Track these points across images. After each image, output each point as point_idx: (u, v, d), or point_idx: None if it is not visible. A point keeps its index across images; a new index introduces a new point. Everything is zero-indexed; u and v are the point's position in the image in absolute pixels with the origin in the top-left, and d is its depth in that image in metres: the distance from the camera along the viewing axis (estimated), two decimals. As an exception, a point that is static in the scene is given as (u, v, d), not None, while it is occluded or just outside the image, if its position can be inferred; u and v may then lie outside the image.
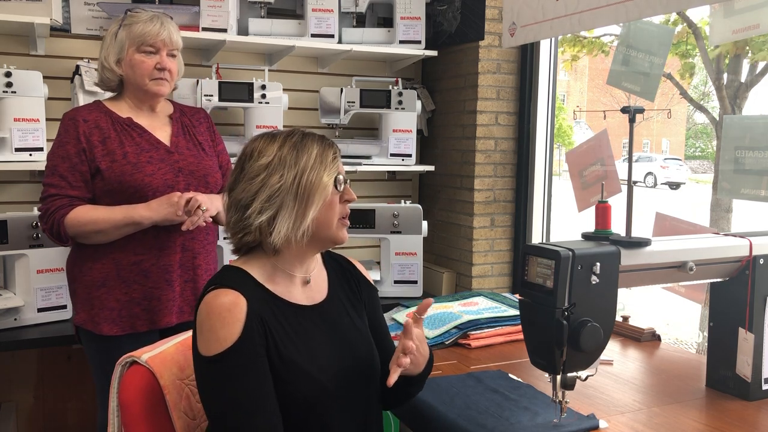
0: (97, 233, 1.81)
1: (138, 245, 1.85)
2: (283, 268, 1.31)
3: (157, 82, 1.89)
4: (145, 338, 1.83)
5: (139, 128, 1.90)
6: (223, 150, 2.11)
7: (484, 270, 2.88)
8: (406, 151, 2.90)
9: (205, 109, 2.14)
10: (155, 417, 1.31)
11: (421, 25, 2.91)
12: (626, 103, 1.57)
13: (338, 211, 1.31)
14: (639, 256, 1.42)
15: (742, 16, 1.94)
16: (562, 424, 1.38)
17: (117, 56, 1.89)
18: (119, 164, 1.83)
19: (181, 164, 1.91)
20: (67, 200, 1.81)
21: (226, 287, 1.22)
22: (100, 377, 1.90)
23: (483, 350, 1.95)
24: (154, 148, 1.89)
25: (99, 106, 1.91)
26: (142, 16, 1.88)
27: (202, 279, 1.96)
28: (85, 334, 1.89)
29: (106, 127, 1.86)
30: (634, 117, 1.45)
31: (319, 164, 1.27)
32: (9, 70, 2.24)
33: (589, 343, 1.30)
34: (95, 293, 1.85)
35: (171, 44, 1.90)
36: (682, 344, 5.14)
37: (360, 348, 1.34)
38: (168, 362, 1.36)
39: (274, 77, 2.86)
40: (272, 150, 1.27)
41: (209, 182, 1.96)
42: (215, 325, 1.18)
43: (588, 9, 2.07)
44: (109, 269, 1.85)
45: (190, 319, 1.92)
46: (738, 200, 2.21)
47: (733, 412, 1.49)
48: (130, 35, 1.86)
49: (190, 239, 1.92)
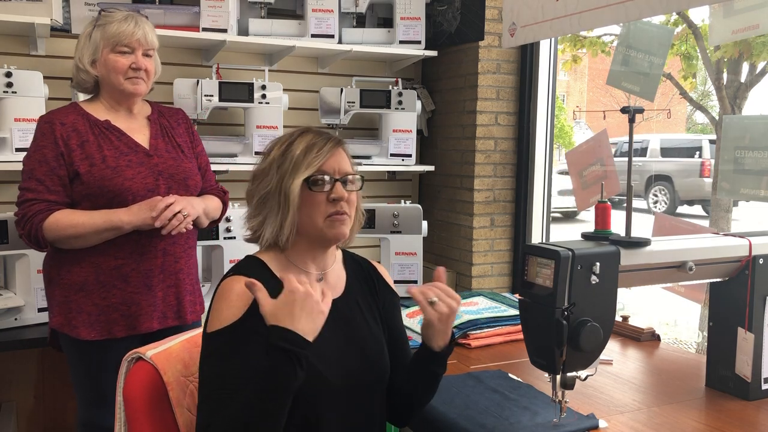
0: (76, 238, 1.77)
1: (119, 249, 1.82)
2: (296, 264, 1.34)
3: (133, 81, 1.86)
4: (124, 344, 1.81)
5: (117, 131, 1.87)
6: (202, 151, 2.08)
7: (484, 270, 2.88)
8: (406, 151, 2.90)
9: (183, 110, 2.11)
10: (158, 413, 1.33)
11: (421, 26, 2.91)
12: (626, 103, 1.57)
13: (323, 210, 1.30)
14: (639, 256, 1.42)
15: (742, 16, 1.94)
16: (561, 424, 1.38)
17: (92, 57, 1.85)
18: (98, 168, 1.79)
19: (161, 167, 1.88)
20: (45, 205, 1.77)
21: (243, 275, 1.26)
22: (78, 379, 1.89)
23: (483, 350, 1.95)
24: (132, 151, 1.86)
25: (76, 108, 1.88)
26: (116, 16, 1.85)
27: (185, 283, 1.94)
28: (63, 338, 1.86)
29: (83, 130, 1.83)
30: (634, 117, 1.45)
31: (295, 168, 1.29)
32: (9, 70, 2.24)
33: (589, 342, 1.30)
34: (73, 297, 1.82)
35: (146, 44, 1.87)
36: (682, 344, 5.14)
37: (370, 348, 1.34)
38: (173, 359, 1.37)
39: (275, 77, 2.86)
40: (270, 154, 1.34)
41: (189, 185, 1.93)
42: (222, 306, 1.23)
43: (588, 9, 2.07)
44: (88, 273, 1.81)
45: (173, 324, 1.91)
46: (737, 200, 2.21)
47: (733, 411, 1.49)
48: (105, 35, 1.83)
49: (171, 243, 1.89)
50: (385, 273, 1.49)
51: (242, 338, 1.20)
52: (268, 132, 2.62)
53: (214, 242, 2.49)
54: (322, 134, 1.35)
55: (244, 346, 1.20)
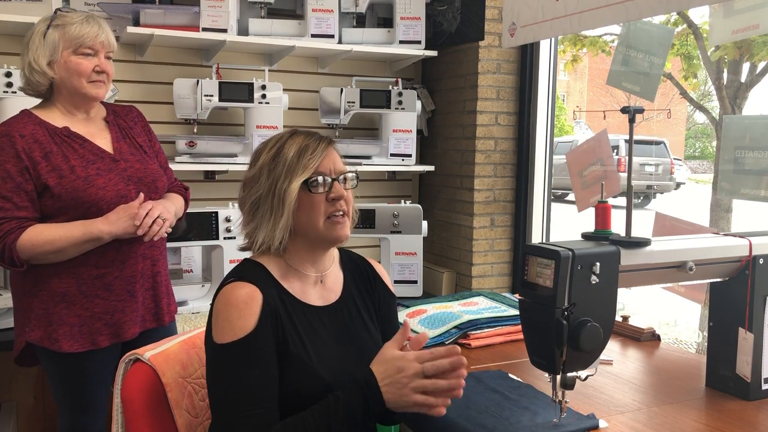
0: (54, 253, 1.70)
1: (100, 258, 1.77)
2: (295, 267, 1.34)
3: (96, 84, 1.80)
4: (107, 353, 1.81)
5: (79, 138, 1.80)
6: (160, 149, 2.03)
7: (484, 270, 2.88)
8: (406, 151, 2.90)
9: (137, 108, 2.04)
10: (157, 414, 1.33)
11: (421, 25, 2.91)
12: (626, 103, 1.57)
13: (324, 211, 1.30)
14: (639, 256, 1.42)
15: (742, 16, 1.94)
16: (561, 424, 1.38)
17: (49, 58, 1.76)
18: (68, 180, 1.73)
19: (129, 172, 1.83)
20: (15, 222, 1.69)
21: (244, 280, 1.26)
22: (59, 390, 1.84)
23: (483, 350, 1.95)
24: (99, 158, 1.80)
25: (31, 117, 1.78)
26: (75, 17, 1.78)
27: (162, 286, 1.92)
28: (42, 352, 1.78)
29: (45, 140, 1.74)
30: (634, 117, 1.45)
31: (291, 171, 1.28)
32: (9, 70, 2.24)
33: (589, 342, 1.30)
34: (53, 309, 1.75)
35: (109, 46, 1.82)
36: (682, 344, 5.14)
37: (368, 351, 1.34)
38: (171, 360, 1.37)
39: (274, 77, 2.86)
40: (258, 160, 1.33)
41: (158, 187, 1.90)
42: (232, 315, 1.22)
43: (588, 9, 2.07)
44: (69, 284, 1.75)
45: (152, 326, 1.89)
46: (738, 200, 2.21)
47: (733, 411, 1.49)
48: (66, 36, 1.76)
49: (149, 247, 1.86)
50: (383, 272, 1.48)
51: (259, 348, 1.21)
52: (268, 132, 2.62)
53: (214, 242, 2.49)
54: (311, 135, 1.34)
55: (261, 356, 1.21)
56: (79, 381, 1.82)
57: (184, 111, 2.58)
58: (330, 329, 1.33)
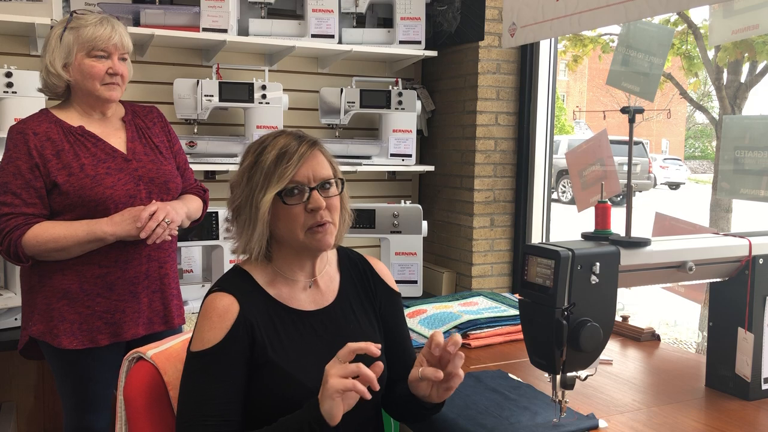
0: (58, 251, 1.72)
1: (103, 258, 1.78)
2: (282, 274, 1.32)
3: (109, 87, 1.81)
4: (108, 352, 1.81)
5: (93, 137, 1.81)
6: (180, 150, 2.04)
7: (484, 270, 2.88)
8: (406, 151, 2.90)
9: (157, 108, 2.04)
10: (158, 412, 1.33)
11: (421, 26, 2.91)
12: (626, 103, 1.57)
13: (302, 223, 1.25)
14: (639, 256, 1.42)
15: (742, 16, 1.94)
16: (561, 424, 1.38)
17: (64, 60, 1.78)
18: (77, 177, 1.74)
19: (141, 172, 1.83)
20: (22, 219, 1.71)
21: (226, 291, 1.25)
22: (63, 386, 1.86)
23: (483, 350, 1.96)
24: (110, 157, 1.81)
25: (48, 115, 1.82)
26: (89, 19, 1.78)
27: (170, 287, 1.91)
28: (45, 347, 1.82)
29: (58, 138, 1.77)
30: (634, 117, 1.45)
31: (267, 180, 1.24)
32: (9, 70, 2.24)
33: (589, 342, 1.30)
34: (55, 305, 1.77)
35: (122, 48, 1.82)
36: (682, 344, 5.14)
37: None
38: (173, 359, 1.37)
39: (275, 77, 2.86)
40: (245, 161, 1.30)
41: (170, 188, 1.89)
42: (204, 326, 1.23)
43: (588, 9, 2.07)
44: (71, 281, 1.77)
45: (160, 329, 1.88)
46: (738, 200, 2.21)
47: (733, 411, 1.49)
48: (80, 39, 1.77)
49: (155, 249, 1.85)
50: (383, 270, 1.45)
51: (222, 363, 1.21)
52: (268, 132, 2.62)
53: (214, 242, 2.49)
54: (295, 138, 1.29)
55: (222, 373, 1.20)
56: (83, 379, 1.83)
57: (184, 111, 2.58)
58: (321, 333, 1.31)
